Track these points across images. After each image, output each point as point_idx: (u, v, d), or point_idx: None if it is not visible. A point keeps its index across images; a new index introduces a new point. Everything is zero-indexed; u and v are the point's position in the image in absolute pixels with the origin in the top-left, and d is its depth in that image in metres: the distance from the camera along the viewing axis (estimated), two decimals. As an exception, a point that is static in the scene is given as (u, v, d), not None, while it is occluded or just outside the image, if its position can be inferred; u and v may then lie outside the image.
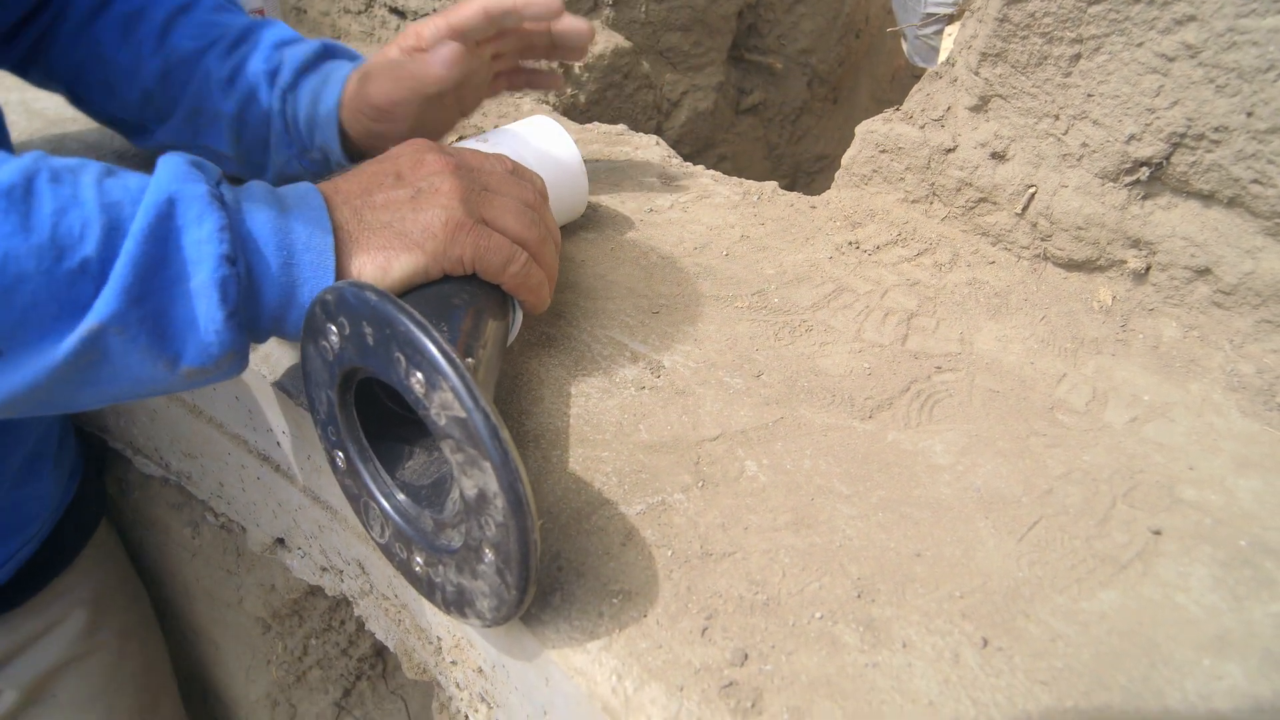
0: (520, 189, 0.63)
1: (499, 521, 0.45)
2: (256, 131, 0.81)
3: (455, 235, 0.57)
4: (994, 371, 0.68)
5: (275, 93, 0.79)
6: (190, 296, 0.50)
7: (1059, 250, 0.77)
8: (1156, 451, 0.61)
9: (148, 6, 0.82)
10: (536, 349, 0.69)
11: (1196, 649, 0.48)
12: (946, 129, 0.82)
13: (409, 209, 0.57)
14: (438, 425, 0.45)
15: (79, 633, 0.99)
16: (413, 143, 0.62)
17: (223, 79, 0.80)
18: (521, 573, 0.45)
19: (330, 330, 0.50)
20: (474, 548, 0.47)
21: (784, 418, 0.63)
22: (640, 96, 1.39)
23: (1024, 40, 0.73)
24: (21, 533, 0.88)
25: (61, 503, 0.94)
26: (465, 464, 0.45)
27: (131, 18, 0.81)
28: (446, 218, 0.57)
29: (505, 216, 0.60)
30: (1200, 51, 0.65)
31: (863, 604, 0.50)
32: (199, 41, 0.81)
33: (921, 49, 1.75)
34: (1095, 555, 0.53)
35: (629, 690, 0.47)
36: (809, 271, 0.78)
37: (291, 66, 0.79)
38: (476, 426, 0.43)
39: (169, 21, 0.82)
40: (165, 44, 0.81)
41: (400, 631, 0.79)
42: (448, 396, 0.44)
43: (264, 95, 0.80)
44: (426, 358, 0.44)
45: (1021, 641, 0.48)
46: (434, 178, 0.59)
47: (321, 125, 0.77)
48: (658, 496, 0.57)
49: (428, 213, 0.57)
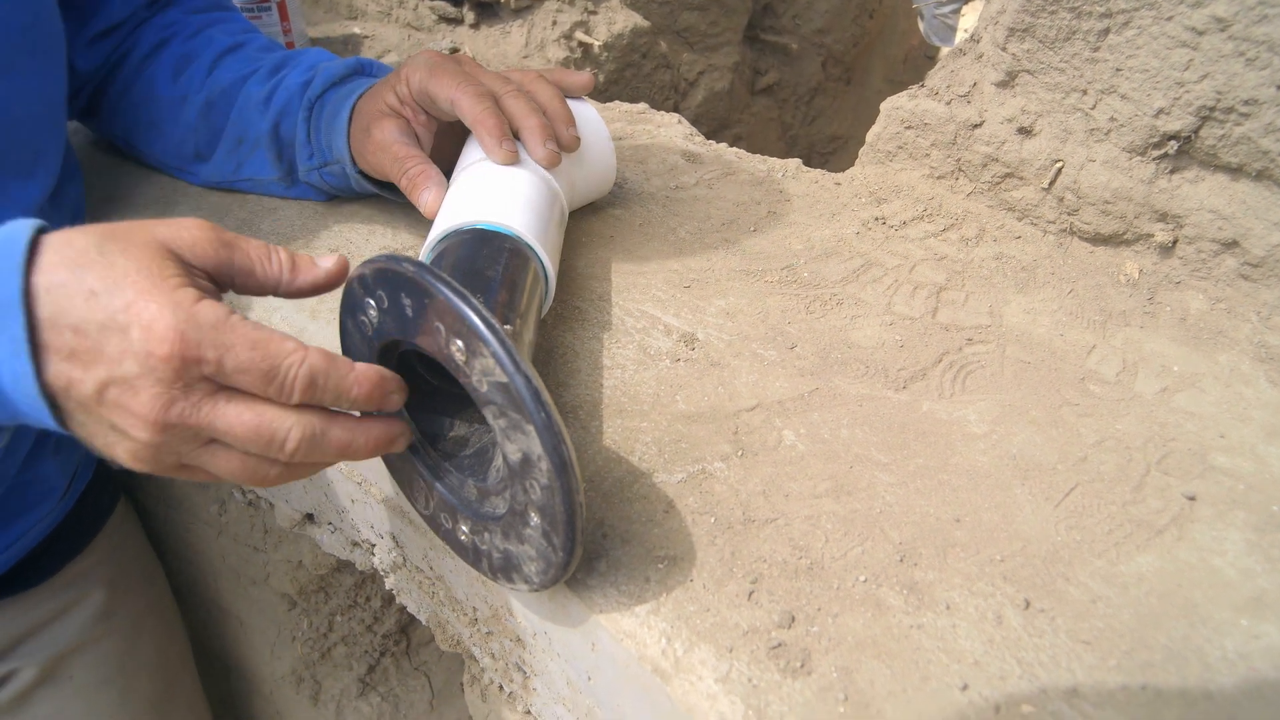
0: (275, 378, 0.46)
1: (544, 484, 0.45)
2: (292, 145, 0.83)
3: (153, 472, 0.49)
4: (1024, 343, 0.69)
5: (304, 102, 0.80)
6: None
7: (1086, 224, 0.78)
8: (1187, 420, 0.62)
9: (200, 49, 0.85)
10: (570, 323, 0.70)
11: (1234, 610, 0.49)
12: (973, 105, 0.83)
13: (94, 409, 0.47)
14: (479, 392, 0.46)
15: (96, 614, 1.00)
16: (148, 246, 0.47)
17: (261, 99, 0.82)
18: (569, 534, 0.46)
19: (369, 304, 0.50)
20: (519, 512, 0.48)
21: (819, 388, 0.64)
22: (658, 76, 1.40)
23: (1052, 15, 0.74)
24: (36, 510, 0.88)
25: (78, 482, 0.95)
26: (509, 429, 0.46)
27: (183, 59, 0.84)
28: (130, 456, 0.48)
29: (220, 464, 0.48)
30: (1230, 25, 0.65)
31: (905, 568, 0.51)
32: (242, 71, 0.84)
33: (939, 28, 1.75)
34: (1131, 520, 0.54)
35: (679, 652, 0.48)
36: (837, 246, 0.79)
37: (324, 80, 0.81)
38: (519, 389, 0.44)
39: (217, 60, 0.85)
40: (210, 78, 0.84)
41: (434, 604, 0.80)
42: (489, 363, 0.44)
43: (295, 106, 0.81)
44: (467, 325, 0.44)
45: (1063, 603, 0.49)
46: (124, 373, 0.45)
47: (338, 135, 0.78)
48: (698, 465, 0.58)
49: (107, 438, 0.48)
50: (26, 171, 0.71)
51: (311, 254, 0.78)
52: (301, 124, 0.81)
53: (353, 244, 0.80)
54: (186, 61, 0.84)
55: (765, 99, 1.70)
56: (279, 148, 0.83)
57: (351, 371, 0.48)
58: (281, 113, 0.82)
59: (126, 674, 1.04)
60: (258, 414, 0.46)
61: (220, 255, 0.50)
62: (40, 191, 0.72)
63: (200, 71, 0.84)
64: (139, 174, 0.92)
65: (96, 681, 1.01)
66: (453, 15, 1.36)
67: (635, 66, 1.35)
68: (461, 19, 1.35)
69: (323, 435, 0.47)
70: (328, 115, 0.80)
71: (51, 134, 0.74)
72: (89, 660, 1.00)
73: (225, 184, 0.88)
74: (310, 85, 0.81)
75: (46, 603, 0.95)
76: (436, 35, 1.36)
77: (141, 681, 1.05)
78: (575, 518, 0.46)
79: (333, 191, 0.84)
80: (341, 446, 0.48)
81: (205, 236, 0.49)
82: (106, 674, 1.02)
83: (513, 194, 0.66)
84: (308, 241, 0.80)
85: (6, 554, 0.86)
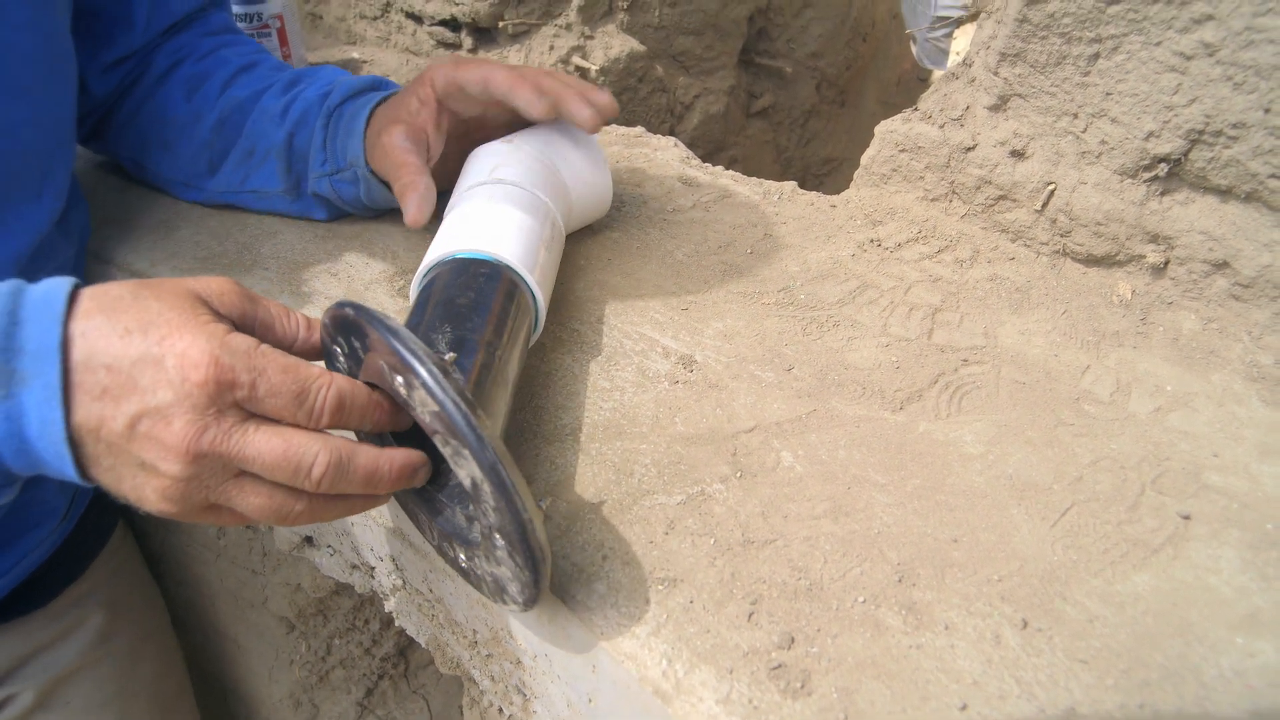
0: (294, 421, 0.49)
1: (493, 505, 0.46)
2: (304, 157, 0.84)
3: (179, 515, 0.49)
4: (1019, 364, 0.69)
5: (323, 110, 0.82)
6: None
7: (1078, 246, 0.79)
8: (1181, 440, 0.63)
9: (213, 68, 0.86)
10: (569, 345, 0.70)
11: (1230, 628, 0.50)
12: (966, 128, 0.84)
13: (124, 447, 0.47)
14: (425, 422, 0.47)
15: (94, 638, 1.00)
16: (178, 292, 0.49)
17: (277, 111, 0.83)
18: (525, 551, 0.47)
19: (336, 351, 0.53)
20: (488, 535, 0.49)
21: (816, 410, 0.64)
22: (654, 100, 1.41)
23: (1043, 40, 0.75)
24: (36, 531, 0.88)
25: (78, 505, 0.95)
26: (454, 455, 0.47)
27: (196, 78, 0.86)
28: (160, 495, 0.48)
29: (248, 499, 0.49)
30: (1218, 50, 0.66)
31: (904, 588, 0.51)
32: (256, 86, 0.85)
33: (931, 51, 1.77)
34: (1127, 539, 0.55)
35: (679, 674, 0.48)
36: (833, 269, 0.80)
37: (342, 91, 0.82)
38: (450, 415, 0.44)
39: (232, 78, 0.86)
40: (225, 95, 0.85)
41: (434, 627, 0.80)
42: (422, 394, 0.46)
43: (313, 117, 0.82)
44: (400, 359, 0.46)
45: (1060, 622, 0.49)
46: (158, 403, 0.46)
47: (355, 139, 0.79)
48: (697, 487, 0.58)
49: (135, 479, 0.48)
50: (35, 194, 0.71)
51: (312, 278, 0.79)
52: (319, 130, 0.82)
53: (352, 268, 0.81)
54: (200, 81, 0.86)
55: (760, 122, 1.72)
56: (290, 159, 0.84)
57: (372, 396, 0.50)
58: (298, 123, 0.83)
59: (124, 698, 1.04)
60: (286, 440, 0.47)
61: (245, 308, 0.52)
62: (48, 214, 0.73)
63: (214, 89, 0.85)
64: (141, 197, 0.92)
65: (94, 705, 1.00)
66: (451, 40, 1.37)
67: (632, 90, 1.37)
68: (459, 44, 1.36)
69: (349, 461, 0.48)
70: (345, 121, 0.81)
71: (60, 157, 0.75)
72: (87, 684, 1.00)
73: (229, 196, 0.88)
74: (329, 96, 0.82)
75: (45, 627, 0.95)
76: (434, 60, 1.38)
77: (139, 706, 1.05)
78: (528, 535, 0.46)
79: (338, 203, 0.85)
80: (368, 473, 0.49)
81: (232, 289, 0.51)
82: (104, 698, 1.02)
83: (503, 219, 0.67)
84: (308, 265, 0.81)
85: (7, 577, 0.86)
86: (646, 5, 1.37)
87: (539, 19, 1.31)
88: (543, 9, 1.31)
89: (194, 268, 0.82)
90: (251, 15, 1.19)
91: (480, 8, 1.29)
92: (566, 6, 1.32)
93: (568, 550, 0.55)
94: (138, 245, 0.85)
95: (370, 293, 0.77)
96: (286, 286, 0.78)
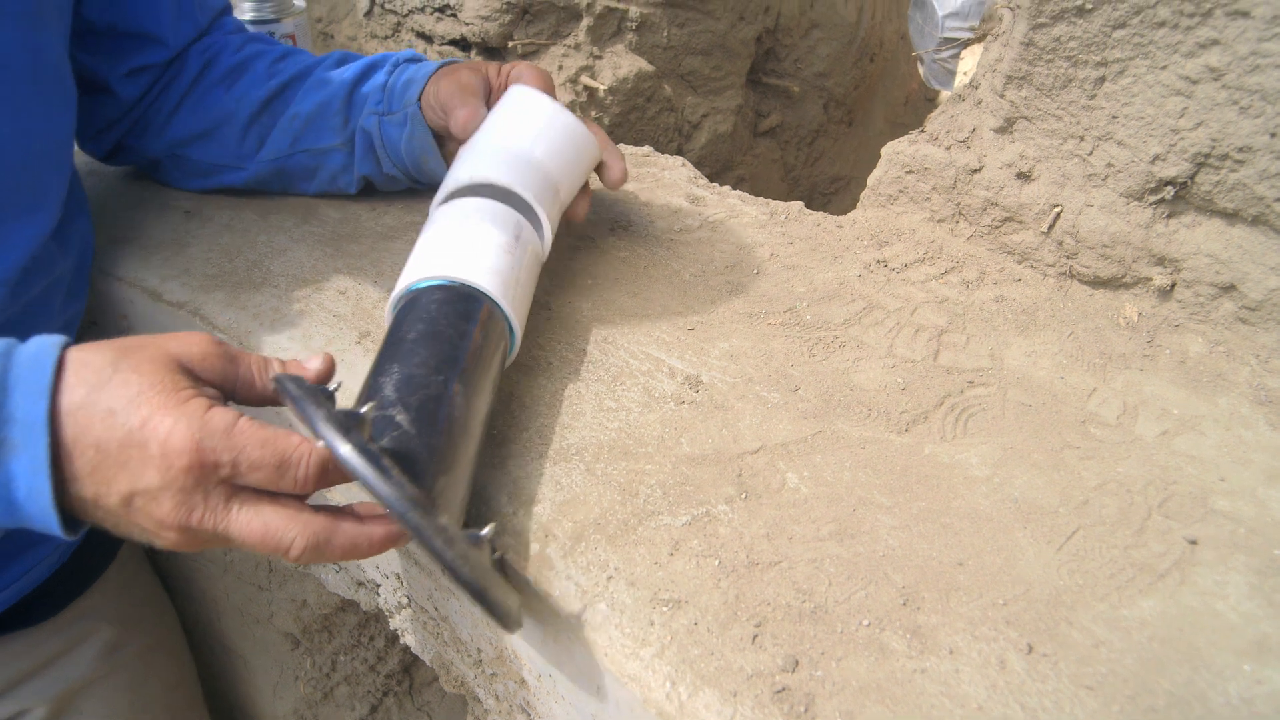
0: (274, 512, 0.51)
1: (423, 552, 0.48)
2: (363, 102, 0.86)
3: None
4: (1025, 386, 0.69)
5: (391, 62, 0.86)
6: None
7: (1085, 268, 0.79)
8: (1188, 464, 0.63)
9: (252, 57, 0.89)
10: (575, 365, 0.71)
11: (1236, 655, 0.49)
12: (972, 150, 0.84)
13: (123, 516, 0.51)
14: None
15: (104, 650, 1.00)
16: (160, 362, 0.51)
17: (335, 76, 0.87)
18: (461, 588, 0.47)
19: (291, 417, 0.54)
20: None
21: (822, 431, 0.64)
22: (662, 119, 1.42)
23: (1049, 64, 0.75)
24: (44, 544, 0.88)
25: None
26: (362, 490, 0.48)
27: (236, 69, 0.88)
28: (165, 545, 0.52)
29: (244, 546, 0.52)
30: (1224, 74, 0.67)
31: (909, 611, 0.51)
32: (306, 63, 0.89)
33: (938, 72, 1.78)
34: (1133, 564, 0.54)
35: (683, 696, 0.48)
36: (839, 289, 0.80)
37: (411, 53, 0.88)
38: (335, 451, 0.46)
39: (275, 62, 0.89)
40: (272, 77, 0.88)
41: (438, 644, 0.80)
42: (319, 442, 0.47)
43: (380, 68, 0.86)
44: (299, 414, 0.48)
45: (1065, 648, 0.49)
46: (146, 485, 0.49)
47: (415, 86, 0.83)
48: (702, 508, 0.58)
49: (140, 535, 0.52)
50: (30, 209, 0.72)
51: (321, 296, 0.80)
52: (384, 75, 0.86)
53: (361, 286, 0.81)
54: (242, 70, 0.88)
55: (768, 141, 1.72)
56: (349, 110, 0.87)
57: None
58: (362, 75, 0.87)
59: (136, 710, 1.04)
60: (265, 523, 0.50)
61: (226, 369, 0.54)
62: (43, 229, 0.73)
63: (260, 74, 0.88)
64: (153, 215, 0.93)
65: (105, 717, 1.01)
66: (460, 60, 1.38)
67: (640, 110, 1.38)
68: (469, 63, 1.38)
69: (327, 542, 0.51)
70: (411, 71, 0.85)
71: (55, 172, 0.75)
72: (98, 697, 1.00)
73: (275, 163, 0.90)
74: (399, 54, 0.88)
75: (54, 638, 0.95)
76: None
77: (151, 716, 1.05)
78: (457, 575, 0.46)
79: (379, 149, 0.87)
80: (346, 549, 0.51)
81: (213, 352, 0.54)
82: (115, 710, 1.02)
83: (461, 235, 0.66)
84: (317, 283, 0.81)
85: (13, 588, 0.86)
86: (655, 26, 1.38)
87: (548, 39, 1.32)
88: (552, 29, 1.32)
89: (204, 285, 0.82)
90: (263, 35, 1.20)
91: (490, 28, 1.30)
92: (575, 26, 1.33)
93: (572, 571, 0.55)
94: (149, 261, 0.86)
95: (378, 311, 0.78)
96: (296, 305, 0.79)
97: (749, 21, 1.52)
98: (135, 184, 0.99)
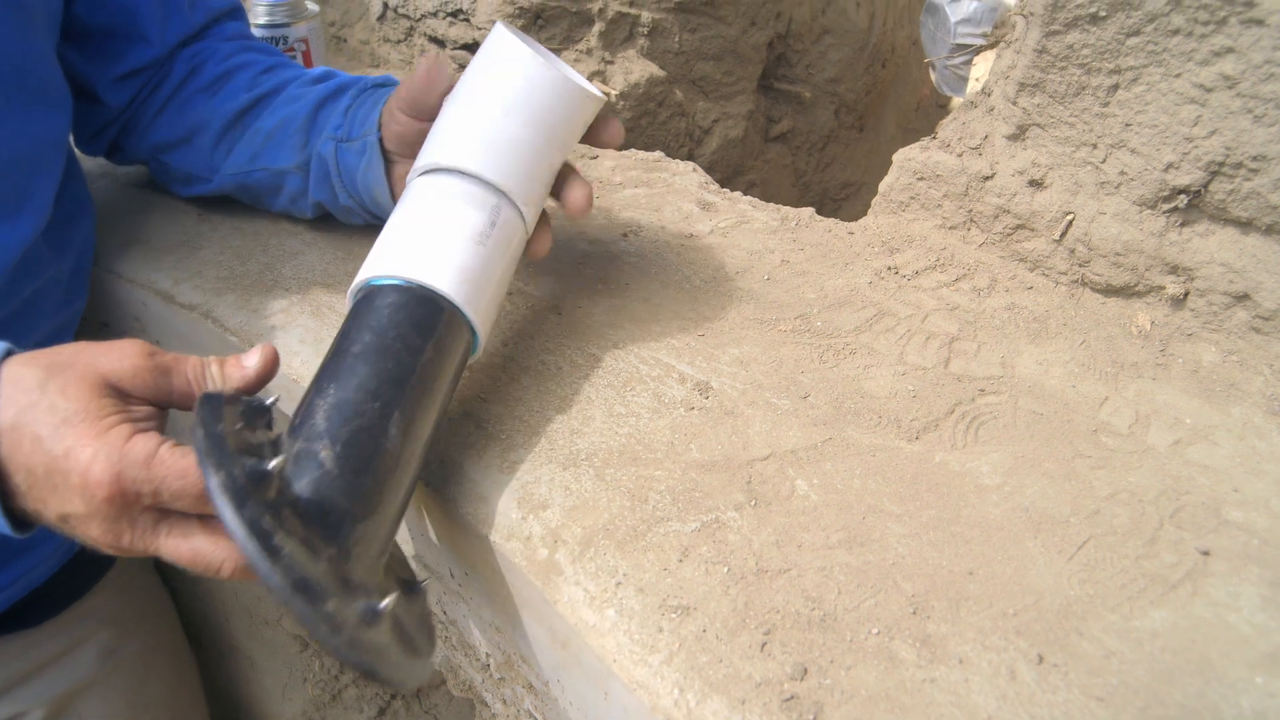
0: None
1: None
2: (323, 127, 0.82)
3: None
4: (1036, 394, 0.69)
5: (358, 87, 0.82)
6: None
7: (1097, 276, 0.78)
8: (1201, 474, 0.62)
9: (238, 68, 0.87)
10: (586, 370, 0.71)
11: (1249, 667, 0.49)
12: (984, 157, 0.84)
13: (63, 526, 0.53)
14: None
15: (103, 652, 1.00)
16: (88, 382, 0.52)
17: (304, 94, 0.84)
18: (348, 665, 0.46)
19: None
20: None
21: (832, 438, 0.64)
22: (673, 124, 1.42)
23: (1062, 71, 0.75)
24: (44, 545, 0.88)
25: None
26: None
27: (221, 78, 0.86)
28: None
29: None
30: (1238, 82, 0.66)
31: (918, 620, 0.51)
32: (285, 77, 0.86)
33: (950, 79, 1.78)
34: (1145, 575, 0.54)
35: (691, 704, 0.48)
36: (850, 296, 0.80)
37: (380, 78, 0.83)
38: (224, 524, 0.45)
39: (259, 75, 0.86)
40: (252, 89, 0.85)
41: (446, 649, 0.80)
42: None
43: (345, 92, 0.82)
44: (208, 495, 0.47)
45: (1076, 658, 0.49)
46: (74, 510, 0.51)
47: (377, 110, 0.78)
48: (711, 514, 0.58)
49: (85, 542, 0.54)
50: (10, 212, 0.72)
51: (332, 299, 0.80)
52: (346, 99, 0.81)
53: (372, 290, 0.81)
54: (225, 79, 0.86)
55: (779, 146, 1.72)
56: (309, 132, 0.82)
57: None
58: (327, 98, 0.82)
59: (135, 712, 1.04)
60: (193, 547, 0.51)
61: (159, 384, 0.54)
62: (26, 232, 0.73)
63: (242, 84, 0.85)
64: (165, 217, 0.93)
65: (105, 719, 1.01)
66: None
67: (651, 115, 1.38)
68: (481, 67, 1.38)
69: None
70: (375, 98, 0.80)
71: (42, 176, 0.75)
72: (97, 699, 1.00)
73: (235, 178, 0.87)
74: (369, 79, 0.83)
75: (53, 640, 0.96)
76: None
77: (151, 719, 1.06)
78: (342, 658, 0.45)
79: (333, 174, 0.81)
80: None
81: (143, 366, 0.54)
82: (114, 712, 1.02)
83: (418, 227, 0.61)
84: (329, 287, 0.82)
85: (13, 588, 0.86)
86: (667, 31, 1.38)
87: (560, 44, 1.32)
88: (564, 34, 1.32)
89: (216, 287, 0.82)
90: (277, 39, 1.20)
91: (502, 32, 1.30)
92: (588, 32, 1.33)
93: (580, 576, 0.55)
94: (161, 264, 0.87)
95: (389, 315, 0.78)
96: (307, 307, 0.79)
97: (760, 27, 1.52)
98: (147, 186, 0.99)
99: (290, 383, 0.75)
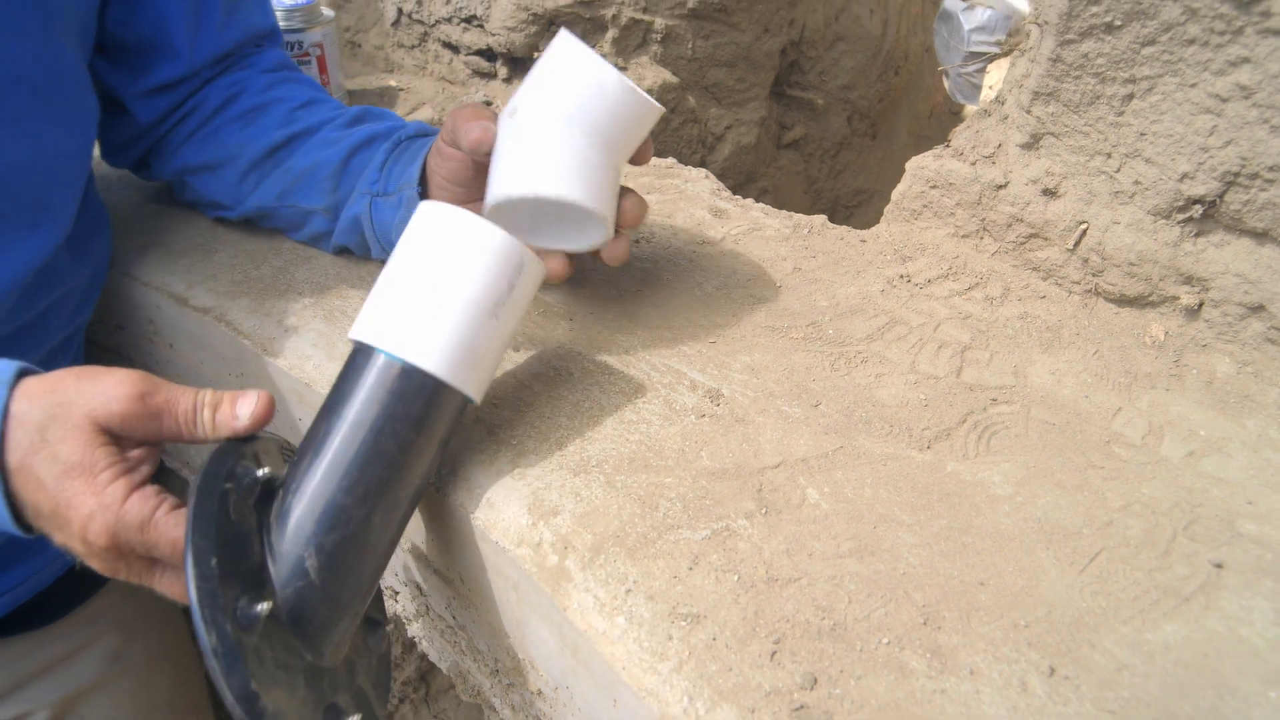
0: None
1: None
2: (357, 175, 0.82)
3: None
4: (1049, 404, 0.69)
5: (394, 138, 0.81)
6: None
7: (1111, 286, 0.78)
8: (1215, 486, 0.62)
9: (273, 101, 0.86)
10: (596, 377, 0.71)
11: (1262, 682, 0.49)
12: (997, 165, 0.84)
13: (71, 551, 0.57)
14: None
15: (108, 655, 1.00)
16: (84, 430, 0.55)
17: (339, 138, 0.83)
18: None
19: None
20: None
21: (843, 447, 0.64)
22: (685, 130, 1.42)
23: (1077, 80, 0.75)
24: (41, 555, 0.89)
25: None
26: None
27: (256, 111, 0.86)
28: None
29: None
30: (1254, 93, 0.66)
31: (929, 631, 0.51)
32: (320, 118, 0.85)
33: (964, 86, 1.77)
34: (1158, 587, 0.54)
35: (701, 712, 0.48)
36: (862, 304, 0.80)
37: (417, 126, 0.83)
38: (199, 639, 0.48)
39: (294, 112, 0.86)
40: (286, 126, 0.85)
41: (455, 654, 0.80)
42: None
43: (380, 141, 0.81)
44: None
45: (1088, 671, 0.49)
46: (76, 548, 0.56)
47: (415, 165, 0.77)
48: (722, 522, 0.58)
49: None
50: (31, 224, 0.72)
51: (345, 305, 0.80)
52: (382, 152, 0.80)
53: (385, 294, 0.82)
54: (260, 113, 0.86)
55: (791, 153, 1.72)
56: (340, 178, 0.82)
57: None
58: (361, 145, 0.82)
59: (141, 716, 1.04)
60: (185, 589, 0.53)
61: (150, 429, 0.57)
62: (47, 244, 0.74)
63: (275, 119, 0.85)
64: (179, 221, 0.94)
65: None
66: (486, 70, 1.39)
67: (664, 121, 1.38)
68: (495, 73, 1.38)
69: None
70: (413, 151, 0.79)
71: (63, 188, 0.76)
72: (102, 702, 1.00)
73: (258, 209, 0.87)
74: (404, 128, 0.82)
75: (58, 642, 0.96)
76: (470, 89, 1.40)
77: None
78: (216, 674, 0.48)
79: (365, 228, 0.81)
80: None
81: (133, 411, 0.56)
82: (120, 716, 1.02)
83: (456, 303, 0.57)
84: (342, 292, 0.82)
85: (19, 590, 0.87)
86: (680, 38, 1.38)
87: (574, 50, 1.33)
88: (577, 40, 1.33)
89: (230, 291, 0.83)
90: (292, 44, 1.21)
91: (516, 38, 1.31)
92: (601, 38, 1.34)
93: (590, 583, 0.55)
94: (175, 267, 0.87)
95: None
96: (320, 311, 0.80)
97: (773, 34, 1.52)
98: (162, 190, 1.00)
99: (303, 387, 0.75)
